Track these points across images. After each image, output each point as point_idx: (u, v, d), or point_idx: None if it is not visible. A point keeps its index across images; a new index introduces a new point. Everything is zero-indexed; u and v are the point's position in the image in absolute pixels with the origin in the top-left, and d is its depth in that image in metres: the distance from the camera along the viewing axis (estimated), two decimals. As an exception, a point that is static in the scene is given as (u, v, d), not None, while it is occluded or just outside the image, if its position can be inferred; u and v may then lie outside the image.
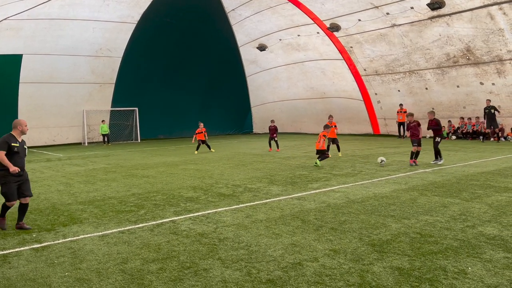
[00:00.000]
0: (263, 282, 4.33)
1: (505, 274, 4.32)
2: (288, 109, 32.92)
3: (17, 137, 6.66)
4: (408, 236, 5.71)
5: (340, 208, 7.48)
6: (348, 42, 24.88)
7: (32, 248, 5.72)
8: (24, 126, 6.74)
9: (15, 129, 6.69)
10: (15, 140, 6.59)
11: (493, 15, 18.41)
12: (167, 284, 4.37)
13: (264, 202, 8.17)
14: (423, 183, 9.72)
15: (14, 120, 6.83)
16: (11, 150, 6.47)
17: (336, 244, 5.46)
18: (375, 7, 21.65)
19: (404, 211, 7.11)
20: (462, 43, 20.27)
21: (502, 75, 20.01)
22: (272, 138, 18.98)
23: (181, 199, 8.70)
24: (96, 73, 27.23)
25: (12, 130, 6.70)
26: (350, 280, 4.32)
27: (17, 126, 6.70)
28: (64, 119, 27.11)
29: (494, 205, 7.32)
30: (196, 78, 31.35)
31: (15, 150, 6.51)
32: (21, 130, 6.69)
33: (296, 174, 11.68)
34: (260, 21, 28.11)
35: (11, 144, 6.48)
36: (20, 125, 6.71)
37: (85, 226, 6.79)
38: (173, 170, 13.45)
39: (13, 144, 6.50)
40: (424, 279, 4.27)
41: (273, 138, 18.92)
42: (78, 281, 4.51)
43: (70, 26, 23.89)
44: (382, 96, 25.94)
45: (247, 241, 5.72)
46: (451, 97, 22.72)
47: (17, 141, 6.60)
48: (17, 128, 6.68)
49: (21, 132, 6.69)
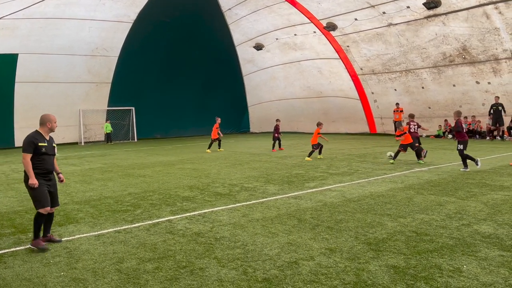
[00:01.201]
0: (259, 281, 4.34)
1: (500, 272, 4.34)
2: (285, 108, 32.93)
3: (44, 135, 5.80)
4: (404, 234, 5.73)
5: (336, 207, 7.49)
6: (345, 41, 24.92)
7: (28, 248, 5.69)
8: (54, 123, 5.87)
9: (43, 126, 5.82)
10: (42, 138, 5.73)
11: (489, 14, 18.48)
12: (163, 283, 4.37)
13: (260, 201, 8.17)
14: (419, 182, 9.75)
15: (42, 115, 5.92)
16: (38, 150, 5.63)
17: (332, 243, 5.47)
18: (372, 6, 21.69)
19: (400, 209, 7.13)
20: (458, 42, 20.34)
21: (498, 74, 20.09)
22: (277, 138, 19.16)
23: (177, 199, 8.69)
24: (93, 73, 27.17)
25: (39, 127, 5.83)
26: (346, 278, 4.33)
27: (45, 122, 5.82)
28: (61, 118, 26.72)
29: (489, 204, 7.35)
30: (193, 78, 31.32)
31: (43, 151, 5.66)
32: (50, 127, 5.83)
33: (293, 173, 11.69)
34: (257, 21, 28.11)
35: (38, 144, 5.63)
36: (50, 121, 5.83)
37: (81, 225, 6.77)
38: (170, 169, 13.43)
39: (40, 144, 5.65)
40: (420, 277, 4.29)
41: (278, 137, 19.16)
42: (74, 281, 4.50)
43: (66, 25, 23.82)
44: (378, 95, 26.00)
45: (243, 240, 5.73)
46: (447, 96, 22.79)
47: (44, 139, 5.75)
48: (45, 125, 5.82)
49: (49, 129, 5.84)
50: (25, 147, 5.60)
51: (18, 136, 25.47)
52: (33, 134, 5.72)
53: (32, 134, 5.71)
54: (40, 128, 5.81)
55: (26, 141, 5.61)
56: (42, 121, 5.83)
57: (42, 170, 5.68)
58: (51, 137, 5.95)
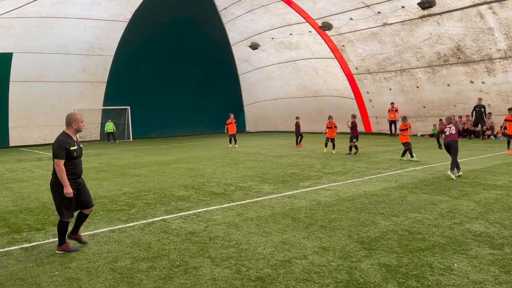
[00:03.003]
0: (252, 280, 4.37)
1: (490, 270, 4.40)
2: (281, 107, 32.97)
3: (73, 136, 5.33)
4: (397, 233, 5.78)
5: (330, 206, 7.54)
6: (340, 41, 24.97)
7: (22, 247, 5.70)
8: (80, 123, 5.38)
9: (70, 127, 5.32)
10: (72, 141, 5.25)
11: (483, 14, 18.58)
12: (157, 282, 4.40)
13: (255, 201, 8.21)
14: (413, 181, 9.81)
15: (68, 114, 5.39)
16: (70, 155, 5.17)
17: (326, 242, 5.51)
18: (367, 6, 21.75)
19: (393, 208, 7.19)
20: (452, 42, 20.44)
21: (492, 74, 20.21)
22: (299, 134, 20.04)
23: (172, 198, 8.71)
24: (88, 72, 27.08)
25: (66, 128, 5.33)
26: (338, 277, 4.37)
27: (71, 122, 5.32)
28: (56, 118, 26.85)
29: (481, 203, 7.42)
30: (188, 77, 31.29)
31: (75, 155, 5.22)
32: (76, 127, 5.34)
33: (288, 173, 11.73)
34: (252, 20, 28.11)
35: (70, 148, 5.17)
36: (76, 121, 5.34)
37: (76, 225, 6.77)
38: (165, 169, 13.44)
39: (72, 148, 5.19)
40: (411, 275, 4.34)
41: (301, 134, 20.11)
42: (68, 280, 4.52)
43: (61, 24, 23.73)
44: (373, 95, 26.08)
45: (237, 239, 5.76)
46: (441, 95, 22.90)
47: (74, 142, 5.28)
48: (71, 126, 5.32)
49: (76, 130, 5.36)
50: (57, 152, 5.10)
51: (12, 135, 25.40)
52: (62, 137, 5.22)
53: (62, 138, 5.20)
54: (67, 129, 5.32)
55: (56, 145, 5.12)
56: (68, 121, 5.33)
57: (73, 176, 5.26)
58: (76, 137, 5.51)
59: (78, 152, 5.28)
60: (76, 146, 5.26)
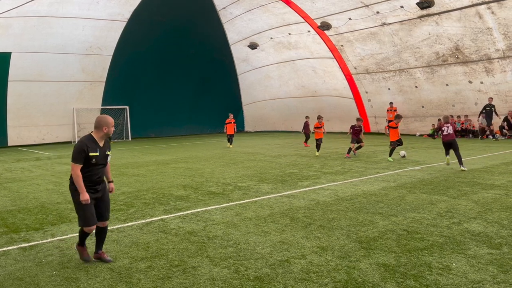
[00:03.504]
0: (251, 280, 4.37)
1: (488, 270, 4.40)
2: (280, 107, 32.97)
3: (98, 141, 4.88)
4: (395, 233, 5.79)
5: (329, 205, 7.54)
6: (339, 40, 24.98)
7: (20, 247, 5.69)
8: (111, 127, 4.92)
9: (99, 130, 4.87)
10: (95, 146, 4.80)
11: (482, 14, 18.61)
12: (155, 282, 4.39)
13: (254, 200, 8.21)
14: (411, 180, 9.83)
15: (98, 116, 4.97)
16: (87, 161, 4.74)
17: (324, 242, 5.51)
18: (365, 6, 21.76)
19: (392, 208, 7.19)
20: (451, 42, 20.47)
21: (490, 74, 20.24)
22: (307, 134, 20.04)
23: (171, 198, 8.71)
24: (87, 71, 27.03)
25: (94, 131, 4.90)
26: (337, 277, 4.37)
27: (102, 126, 4.86)
28: (54, 117, 26.89)
29: (480, 202, 7.43)
30: (187, 77, 31.26)
31: (92, 162, 4.78)
32: (106, 132, 4.89)
33: (287, 172, 11.73)
34: (251, 20, 28.10)
35: (89, 154, 4.73)
36: (107, 125, 4.88)
37: (74, 225, 6.76)
38: (164, 168, 13.43)
39: (91, 153, 4.74)
40: (409, 275, 4.34)
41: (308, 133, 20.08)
42: (66, 280, 4.51)
43: (59, 24, 23.68)
44: (372, 95, 26.10)
45: (235, 239, 5.76)
46: (440, 95, 22.93)
47: (97, 147, 4.83)
48: (101, 129, 4.86)
49: (106, 134, 4.91)
50: (75, 155, 4.70)
51: (11, 135, 25.36)
52: (85, 139, 4.78)
53: (84, 140, 4.76)
54: (95, 132, 4.88)
55: (76, 148, 4.71)
56: (98, 124, 4.87)
57: (89, 183, 4.84)
58: (107, 141, 5.03)
59: (98, 160, 4.81)
60: (97, 152, 4.79)
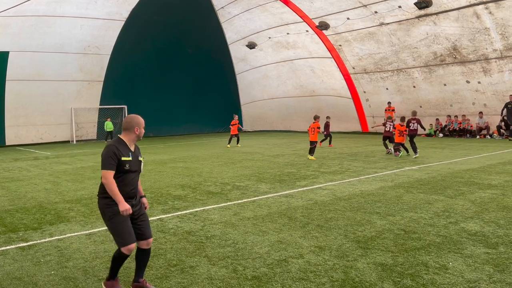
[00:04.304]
0: (249, 279, 4.39)
1: (484, 269, 4.43)
2: (278, 107, 33.01)
3: (129, 144, 4.12)
4: (393, 232, 5.81)
5: (326, 205, 7.57)
6: (337, 40, 25.02)
7: (18, 247, 5.70)
8: (142, 128, 4.21)
9: (129, 132, 4.13)
10: (127, 150, 4.06)
11: (479, 14, 18.66)
12: (154, 281, 4.41)
13: (252, 200, 8.23)
14: (409, 180, 9.86)
15: (128, 117, 4.19)
16: (120, 167, 3.96)
17: (322, 241, 5.53)
18: (364, 6, 21.80)
19: (389, 208, 7.22)
20: (449, 42, 20.52)
21: (488, 74, 20.30)
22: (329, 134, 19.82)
23: (169, 197, 8.72)
24: (85, 71, 27.02)
25: (123, 133, 4.15)
26: (334, 276, 4.40)
27: (133, 127, 4.12)
28: (52, 117, 26.87)
29: (477, 202, 7.47)
30: (186, 76, 31.28)
31: (126, 168, 3.99)
32: (138, 133, 4.15)
33: (285, 172, 11.76)
34: (250, 19, 28.12)
35: (121, 159, 3.96)
36: (139, 125, 4.15)
37: (72, 224, 6.78)
38: (162, 168, 13.43)
39: (124, 158, 3.98)
40: (406, 274, 4.37)
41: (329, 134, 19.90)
42: (64, 280, 4.52)
43: (57, 23, 23.67)
44: (370, 94, 26.15)
45: (234, 238, 5.77)
46: (438, 95, 22.99)
47: (129, 151, 4.08)
48: (132, 131, 4.13)
49: (137, 136, 4.16)
50: (105, 161, 3.93)
51: (8, 134, 25.33)
52: (115, 143, 4.05)
53: (114, 144, 4.04)
54: (124, 135, 4.14)
55: (106, 153, 3.96)
56: (129, 125, 4.13)
57: (122, 194, 3.96)
58: (137, 146, 4.28)
59: (132, 165, 4.04)
60: (130, 157, 4.04)
